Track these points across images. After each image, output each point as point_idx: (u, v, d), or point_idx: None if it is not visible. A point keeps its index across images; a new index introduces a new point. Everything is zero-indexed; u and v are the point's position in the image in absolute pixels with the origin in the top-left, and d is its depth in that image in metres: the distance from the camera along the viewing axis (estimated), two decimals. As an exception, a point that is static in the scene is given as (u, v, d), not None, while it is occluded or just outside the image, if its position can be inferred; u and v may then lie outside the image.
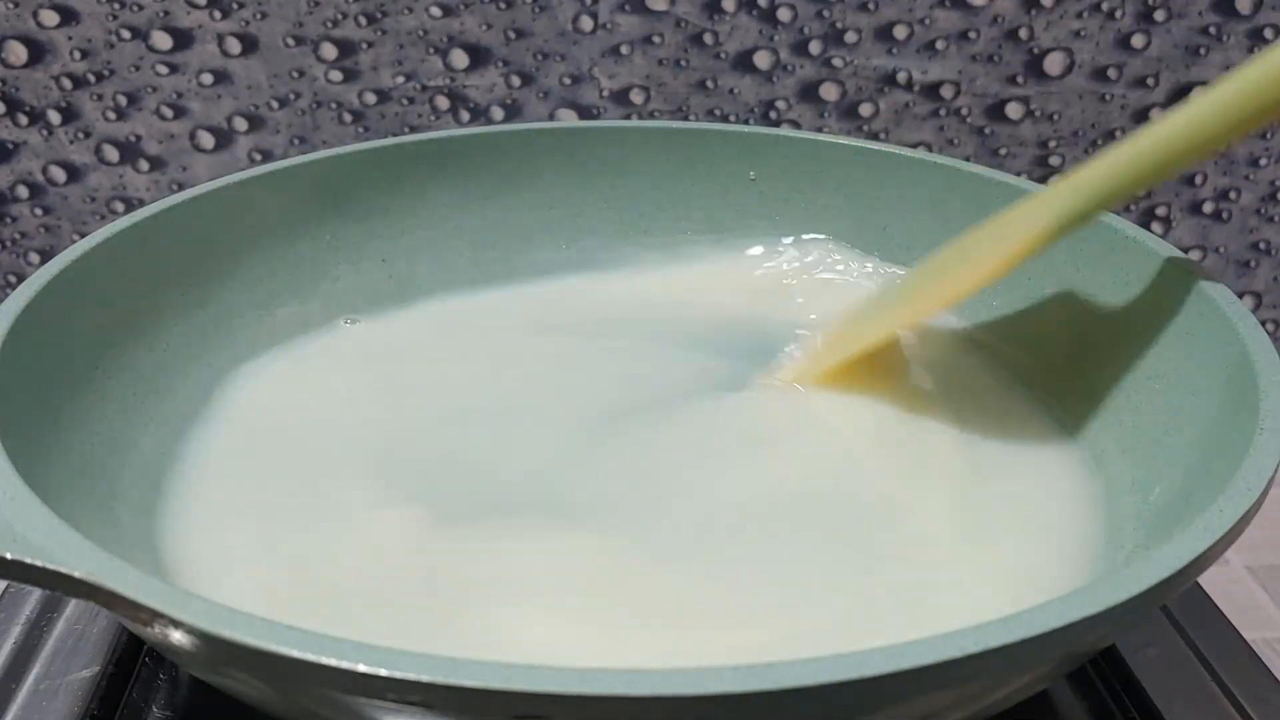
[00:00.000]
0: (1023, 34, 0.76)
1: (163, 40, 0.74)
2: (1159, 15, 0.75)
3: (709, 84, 0.77)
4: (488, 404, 0.35)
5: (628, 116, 0.78)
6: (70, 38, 0.73)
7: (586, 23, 0.74)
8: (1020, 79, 0.77)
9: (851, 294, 0.41)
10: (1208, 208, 0.84)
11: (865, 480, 0.32)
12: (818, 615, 0.26)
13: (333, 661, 0.18)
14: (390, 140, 0.40)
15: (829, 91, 0.77)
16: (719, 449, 0.33)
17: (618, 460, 0.32)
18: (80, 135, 0.76)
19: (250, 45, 0.74)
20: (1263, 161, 0.82)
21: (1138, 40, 0.76)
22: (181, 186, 0.79)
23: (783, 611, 0.26)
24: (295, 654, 0.18)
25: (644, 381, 0.36)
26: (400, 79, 0.76)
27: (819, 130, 0.77)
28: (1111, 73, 0.77)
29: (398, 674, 0.17)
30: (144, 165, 0.78)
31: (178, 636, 0.19)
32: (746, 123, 0.78)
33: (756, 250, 0.42)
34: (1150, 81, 0.78)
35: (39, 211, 0.79)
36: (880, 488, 0.31)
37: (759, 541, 0.29)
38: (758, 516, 0.30)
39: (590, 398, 0.35)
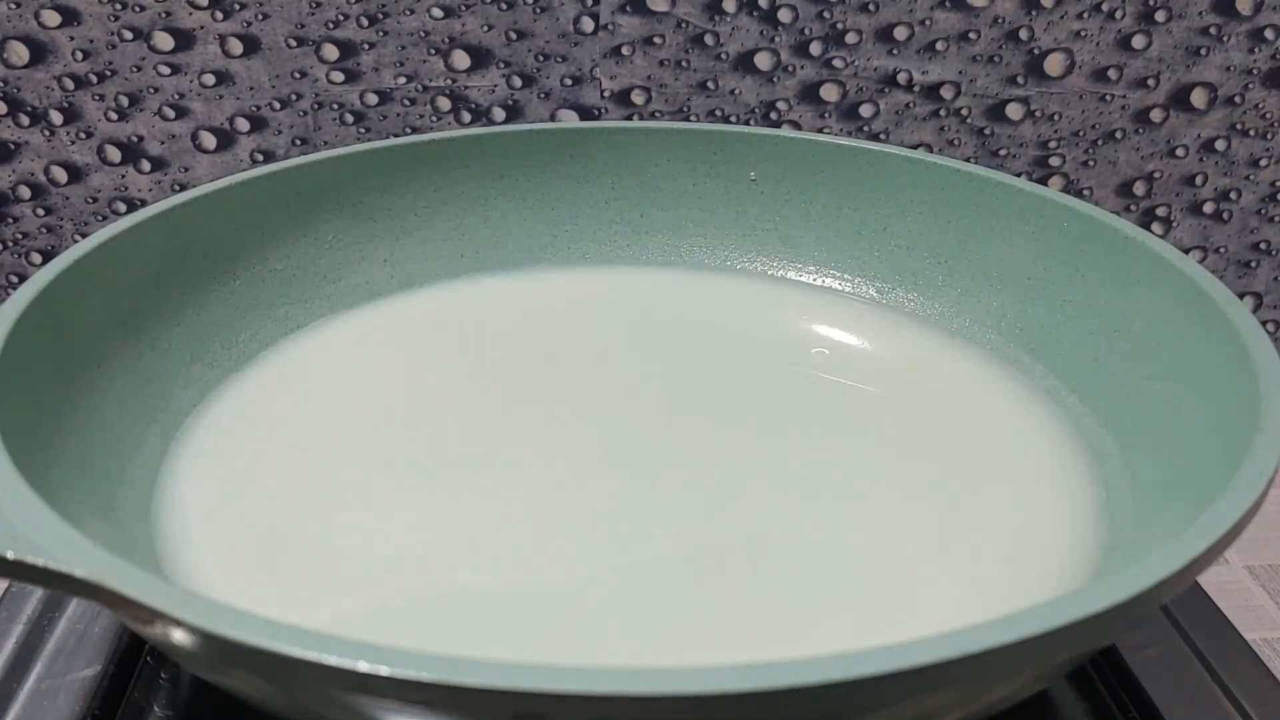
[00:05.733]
0: (1023, 35, 0.76)
1: (164, 41, 0.74)
2: (1159, 15, 0.75)
3: (710, 85, 0.77)
4: (485, 405, 0.35)
5: (629, 117, 0.78)
6: (72, 38, 0.73)
7: (587, 24, 0.74)
8: (1020, 79, 0.77)
9: (849, 301, 0.41)
10: (1208, 208, 0.84)
11: (865, 478, 0.32)
12: (810, 615, 0.26)
13: (334, 660, 0.18)
14: (391, 141, 0.40)
15: (830, 92, 0.77)
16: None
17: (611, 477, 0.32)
18: (82, 135, 0.76)
19: (252, 46, 0.74)
20: (1263, 162, 0.82)
21: (1138, 40, 0.76)
22: (183, 187, 0.79)
23: (775, 616, 0.26)
24: (296, 653, 0.18)
25: (637, 396, 0.36)
26: (401, 80, 0.76)
27: (819, 131, 0.78)
28: (1111, 73, 0.77)
29: (399, 673, 0.17)
30: (146, 166, 0.78)
31: (179, 636, 0.19)
32: (747, 123, 0.78)
33: (757, 253, 0.42)
34: (1150, 82, 0.78)
35: (41, 211, 0.79)
36: (880, 486, 0.31)
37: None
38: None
39: (583, 408, 0.35)
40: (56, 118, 0.76)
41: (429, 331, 0.39)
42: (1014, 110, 0.78)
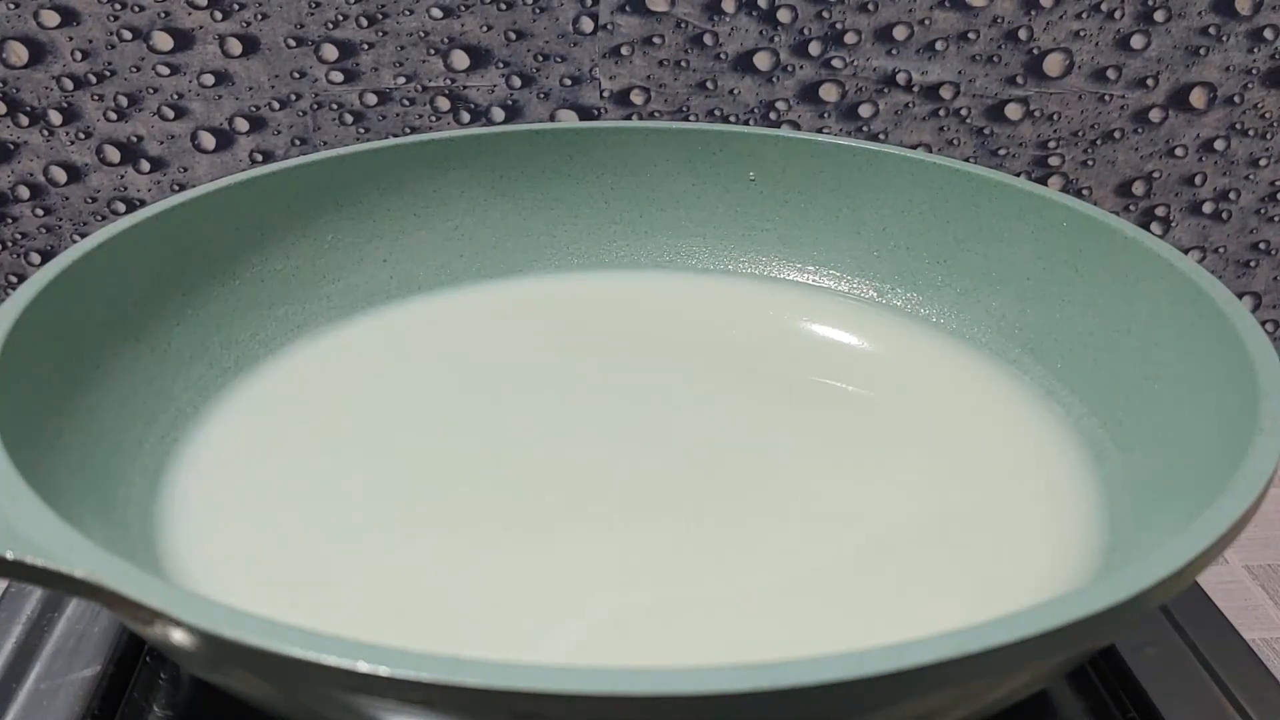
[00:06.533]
0: (1022, 35, 0.76)
1: (164, 41, 0.74)
2: (1159, 15, 0.75)
3: (709, 85, 0.77)
4: (486, 406, 0.35)
5: (628, 117, 0.78)
6: (71, 38, 0.73)
7: (587, 24, 0.74)
8: (1020, 79, 0.77)
9: (848, 301, 0.41)
10: (1208, 208, 0.84)
11: (864, 478, 0.32)
12: (810, 614, 0.26)
13: (333, 660, 0.18)
14: (391, 141, 0.40)
15: (829, 92, 0.77)
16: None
17: (612, 469, 0.32)
18: (81, 136, 0.76)
19: (251, 46, 0.74)
20: (1263, 162, 0.82)
21: (1137, 40, 0.76)
22: (183, 187, 0.79)
23: (775, 616, 0.26)
24: (296, 653, 0.18)
25: (638, 398, 0.36)
26: (401, 80, 0.76)
27: (819, 131, 0.78)
28: (1111, 73, 0.77)
29: (399, 673, 0.17)
30: (145, 166, 0.78)
31: (178, 636, 0.19)
32: (747, 123, 0.78)
33: (757, 253, 0.42)
34: (1150, 81, 0.78)
35: (40, 212, 0.79)
36: (879, 487, 0.31)
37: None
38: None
39: (585, 408, 0.35)
40: (55, 118, 0.76)
41: (428, 334, 0.39)
42: (1013, 110, 0.78)
